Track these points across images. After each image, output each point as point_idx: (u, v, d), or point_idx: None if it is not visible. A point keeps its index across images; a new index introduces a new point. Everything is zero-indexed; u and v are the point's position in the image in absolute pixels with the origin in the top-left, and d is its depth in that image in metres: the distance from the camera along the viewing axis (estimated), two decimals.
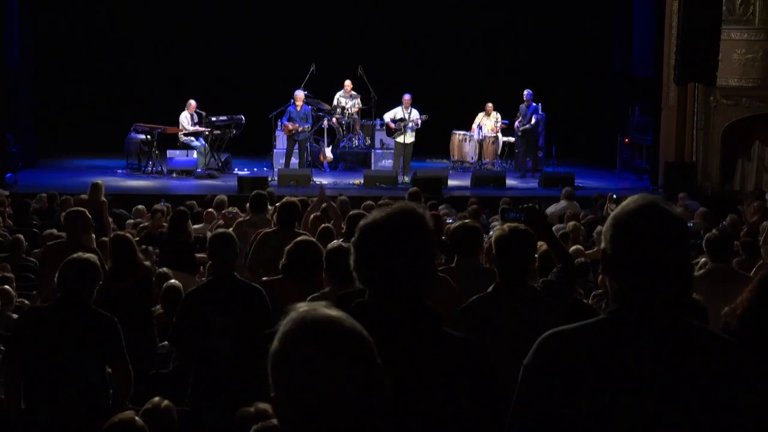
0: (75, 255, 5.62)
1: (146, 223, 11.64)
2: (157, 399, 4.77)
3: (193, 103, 18.96)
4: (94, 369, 5.41)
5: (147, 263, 8.44)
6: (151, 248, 10.29)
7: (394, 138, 18.91)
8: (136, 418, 4.30)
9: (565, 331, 2.42)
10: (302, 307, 1.86)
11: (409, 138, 18.57)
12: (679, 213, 2.42)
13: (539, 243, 5.41)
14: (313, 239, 6.94)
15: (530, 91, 19.42)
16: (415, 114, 18.53)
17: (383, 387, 1.83)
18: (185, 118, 18.86)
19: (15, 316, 8.23)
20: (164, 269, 8.94)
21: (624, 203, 2.45)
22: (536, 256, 5.40)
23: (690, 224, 12.23)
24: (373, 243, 2.54)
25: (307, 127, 18.56)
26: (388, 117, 18.87)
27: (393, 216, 2.53)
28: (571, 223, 11.09)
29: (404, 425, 1.93)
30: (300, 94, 18.60)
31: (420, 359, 2.45)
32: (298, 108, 18.50)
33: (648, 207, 2.37)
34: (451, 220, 11.28)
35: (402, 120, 18.56)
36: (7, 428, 5.42)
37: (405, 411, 1.95)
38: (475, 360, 2.58)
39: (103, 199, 12.35)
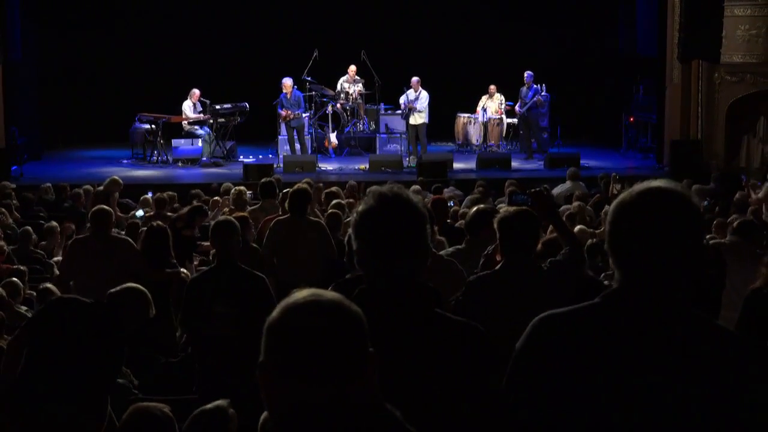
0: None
1: (152, 212, 11.67)
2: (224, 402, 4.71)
3: (196, 92, 18.95)
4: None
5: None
6: None
7: (405, 120, 19.03)
8: (164, 409, 4.26)
9: (557, 315, 2.41)
10: (307, 289, 1.94)
11: (419, 119, 18.69)
12: (687, 199, 2.32)
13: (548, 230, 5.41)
14: None
15: (531, 72, 19.40)
16: (424, 95, 18.60)
17: (372, 373, 1.89)
18: (188, 107, 18.86)
19: (23, 308, 8.27)
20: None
21: (634, 186, 2.40)
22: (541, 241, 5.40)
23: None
24: (365, 229, 2.59)
25: (299, 113, 18.50)
26: (401, 100, 18.99)
27: (382, 201, 2.57)
28: (576, 203, 11.10)
29: (400, 408, 1.95)
30: (287, 81, 18.53)
31: (415, 343, 2.46)
32: (288, 95, 18.46)
33: (652, 193, 2.31)
34: (451, 204, 11.29)
35: (410, 102, 18.66)
36: None
37: (400, 394, 1.98)
38: (472, 344, 2.59)
39: (116, 195, 12.49)
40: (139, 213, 13.06)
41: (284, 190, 10.00)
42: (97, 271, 7.63)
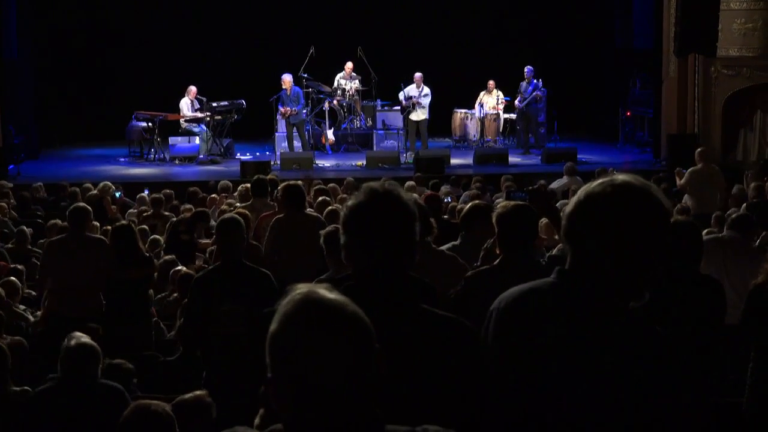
0: (75, 340, 5.21)
1: (150, 211, 11.65)
2: (200, 392, 4.71)
3: (193, 89, 18.93)
4: None
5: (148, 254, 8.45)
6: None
7: (404, 115, 18.96)
8: (165, 407, 4.25)
9: (514, 293, 2.52)
10: (302, 288, 1.85)
11: (421, 115, 18.70)
12: (649, 197, 2.37)
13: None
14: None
15: (531, 67, 19.39)
16: (428, 91, 18.61)
17: (380, 373, 1.84)
18: (185, 104, 18.83)
19: (22, 307, 8.27)
20: (171, 256, 8.98)
21: (602, 179, 2.47)
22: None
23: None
24: (354, 223, 2.59)
25: (297, 110, 18.45)
26: (401, 95, 18.93)
27: (371, 197, 2.57)
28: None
29: (386, 404, 1.94)
30: (287, 77, 18.47)
31: (400, 339, 2.45)
32: (288, 92, 18.43)
33: (617, 188, 2.37)
34: (448, 200, 11.28)
35: (411, 98, 18.63)
36: None
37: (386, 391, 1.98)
38: (458, 339, 2.60)
39: (109, 199, 12.54)
40: (117, 194, 13.14)
41: (278, 187, 9.98)
42: (72, 272, 7.62)
